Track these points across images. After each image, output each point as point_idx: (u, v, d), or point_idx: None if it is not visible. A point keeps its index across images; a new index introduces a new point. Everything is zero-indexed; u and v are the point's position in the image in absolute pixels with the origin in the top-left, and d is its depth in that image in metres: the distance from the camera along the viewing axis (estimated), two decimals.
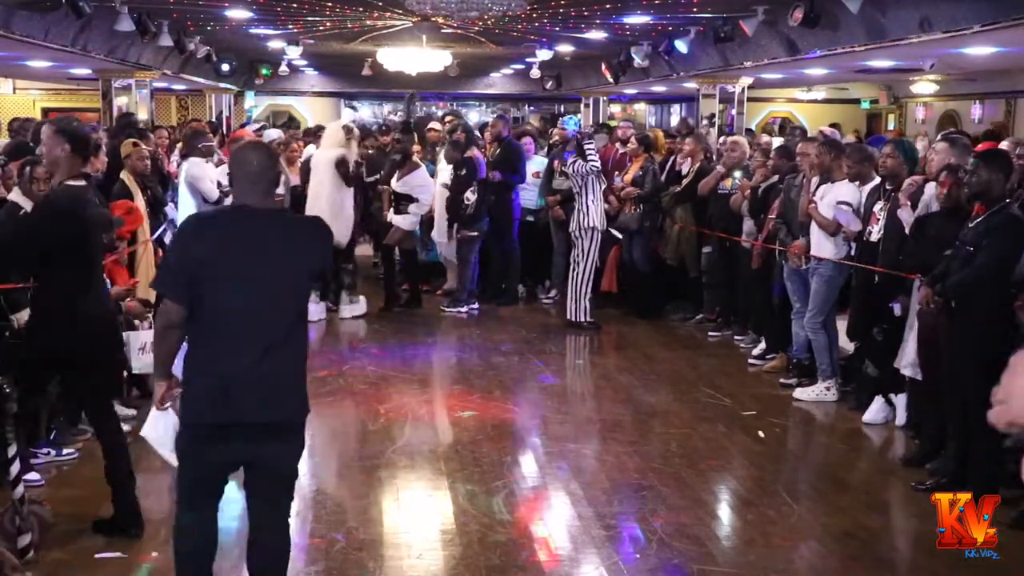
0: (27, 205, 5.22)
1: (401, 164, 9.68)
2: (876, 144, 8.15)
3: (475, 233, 9.70)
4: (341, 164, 8.91)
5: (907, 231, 5.93)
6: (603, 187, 9.13)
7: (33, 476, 5.09)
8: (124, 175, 7.34)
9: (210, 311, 3.45)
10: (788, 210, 7.42)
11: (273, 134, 9.96)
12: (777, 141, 10.66)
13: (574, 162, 8.98)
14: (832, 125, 13.25)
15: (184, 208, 8.37)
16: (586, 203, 8.94)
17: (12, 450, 4.27)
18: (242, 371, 3.42)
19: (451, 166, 9.62)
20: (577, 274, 9.12)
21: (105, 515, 4.68)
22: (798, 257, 7.14)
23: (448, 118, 11.72)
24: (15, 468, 4.27)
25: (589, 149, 9.00)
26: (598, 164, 9.02)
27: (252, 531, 3.68)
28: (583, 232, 8.98)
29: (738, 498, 5.32)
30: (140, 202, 7.28)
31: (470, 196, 9.48)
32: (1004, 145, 7.33)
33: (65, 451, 5.60)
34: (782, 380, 7.52)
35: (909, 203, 5.92)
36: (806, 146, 7.42)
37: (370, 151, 10.61)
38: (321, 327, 9.10)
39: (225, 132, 15.01)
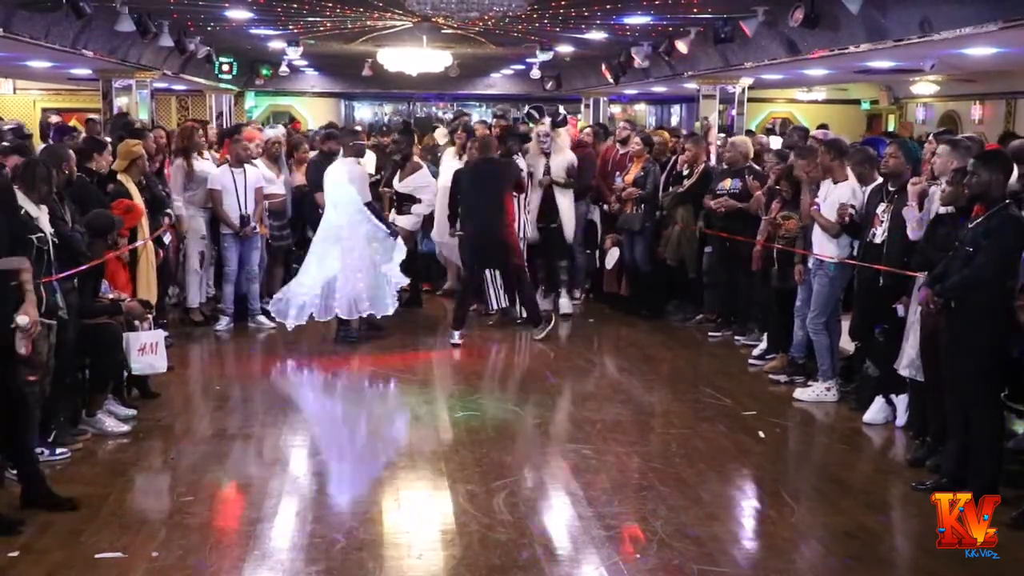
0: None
1: (402, 165, 9.70)
2: (870, 145, 8.12)
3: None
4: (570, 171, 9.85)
5: (908, 231, 5.92)
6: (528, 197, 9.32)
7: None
8: (121, 175, 7.34)
9: (464, 200, 8.63)
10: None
11: (269, 133, 10.24)
12: (774, 141, 10.65)
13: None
14: (821, 126, 13.23)
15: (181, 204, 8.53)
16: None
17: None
18: (478, 226, 8.51)
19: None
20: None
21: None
22: (800, 273, 7.21)
23: (465, 116, 11.88)
24: None
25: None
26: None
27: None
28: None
29: (738, 498, 5.32)
30: (138, 201, 7.28)
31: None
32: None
33: (58, 451, 5.55)
34: (771, 376, 7.52)
35: (916, 203, 5.90)
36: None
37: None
38: (324, 328, 9.10)
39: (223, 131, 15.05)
